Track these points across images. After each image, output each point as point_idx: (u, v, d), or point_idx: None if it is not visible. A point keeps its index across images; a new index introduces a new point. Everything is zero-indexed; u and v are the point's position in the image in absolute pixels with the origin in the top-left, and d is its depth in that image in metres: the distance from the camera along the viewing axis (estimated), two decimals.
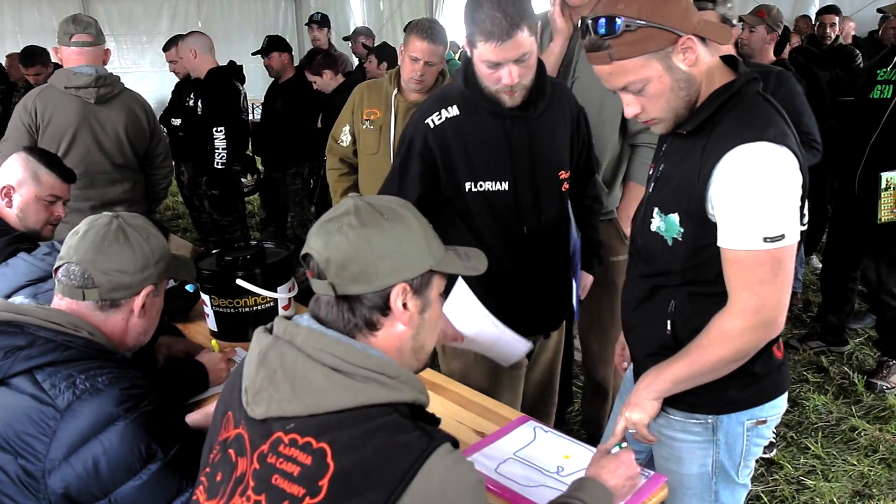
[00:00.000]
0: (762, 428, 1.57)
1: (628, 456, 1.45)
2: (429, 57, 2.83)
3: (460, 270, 1.19)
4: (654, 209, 1.51)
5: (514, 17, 1.69)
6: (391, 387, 1.04)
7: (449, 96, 1.93)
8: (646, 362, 1.57)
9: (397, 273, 1.09)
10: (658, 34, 1.32)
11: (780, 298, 1.36)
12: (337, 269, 1.07)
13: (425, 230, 1.14)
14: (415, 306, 1.12)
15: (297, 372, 1.03)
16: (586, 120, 2.06)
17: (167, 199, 7.57)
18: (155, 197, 3.50)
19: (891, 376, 3.52)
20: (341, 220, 1.09)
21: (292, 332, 1.08)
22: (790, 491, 2.77)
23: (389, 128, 2.98)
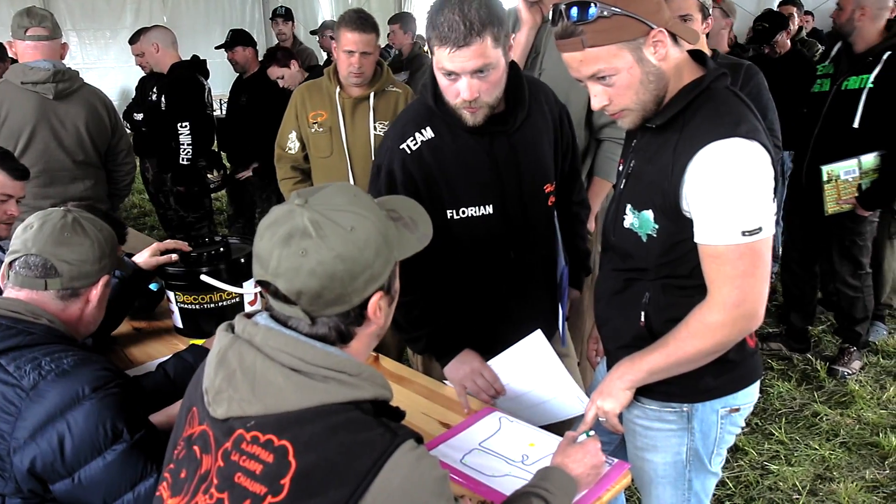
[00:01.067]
0: (735, 416, 1.60)
1: (594, 444, 1.46)
2: (363, 47, 2.78)
3: (416, 246, 1.15)
4: (626, 206, 1.51)
5: (474, 22, 1.53)
6: (352, 385, 1.02)
7: (420, 116, 1.77)
8: (619, 353, 1.58)
9: (372, 283, 1.06)
10: (631, 24, 1.33)
11: (759, 290, 1.38)
12: (311, 299, 1.03)
13: (379, 219, 1.08)
14: (386, 303, 1.11)
15: (257, 373, 1.02)
16: (569, 117, 1.96)
17: (133, 196, 7.50)
18: (118, 194, 3.45)
19: (852, 362, 3.59)
20: (302, 244, 1.00)
21: (251, 331, 1.06)
22: (754, 476, 2.82)
23: (339, 128, 2.92)
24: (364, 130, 2.93)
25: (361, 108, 2.92)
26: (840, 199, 3.29)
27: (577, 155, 2.04)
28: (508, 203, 1.80)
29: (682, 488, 1.65)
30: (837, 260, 3.52)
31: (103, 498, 1.33)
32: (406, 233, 1.14)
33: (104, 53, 10.11)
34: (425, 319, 1.85)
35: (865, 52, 3.20)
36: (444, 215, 1.77)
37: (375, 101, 2.92)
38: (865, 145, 3.20)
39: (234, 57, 4.83)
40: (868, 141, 3.19)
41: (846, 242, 3.45)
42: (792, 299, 3.88)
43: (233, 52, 4.82)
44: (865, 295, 3.54)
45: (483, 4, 1.56)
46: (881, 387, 3.46)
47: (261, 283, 1.06)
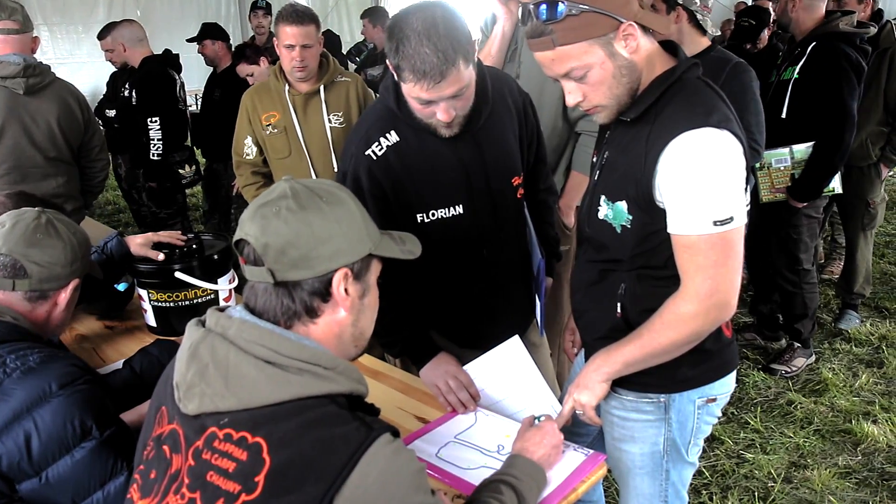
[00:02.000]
0: (712, 406, 1.61)
1: (551, 426, 1.49)
2: (302, 40, 2.75)
3: (397, 254, 1.17)
4: (600, 197, 1.51)
5: (447, 52, 1.49)
6: (327, 378, 1.02)
7: (384, 120, 1.74)
8: (596, 345, 1.58)
9: (339, 257, 1.07)
10: (600, 20, 1.33)
11: (732, 280, 1.38)
12: (276, 255, 1.04)
13: (363, 213, 1.13)
14: (355, 291, 1.11)
15: (230, 366, 1.01)
16: (533, 106, 1.96)
17: (107, 192, 7.41)
18: (91, 191, 3.40)
19: (794, 360, 3.56)
20: (278, 204, 1.06)
21: (224, 324, 1.05)
22: (730, 465, 2.86)
23: (294, 126, 2.88)
24: (319, 125, 2.91)
25: (313, 103, 2.90)
26: (773, 187, 3.31)
27: (543, 143, 2.04)
28: (478, 201, 1.80)
29: (659, 479, 1.66)
30: (774, 252, 3.53)
31: (72, 497, 1.31)
32: (389, 240, 1.18)
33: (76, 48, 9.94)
34: (400, 324, 1.84)
35: (798, 44, 3.24)
36: (414, 219, 1.76)
37: (326, 94, 2.90)
38: (793, 136, 3.21)
39: (203, 51, 4.79)
40: (795, 132, 3.20)
41: (782, 234, 3.44)
42: (758, 289, 3.92)
43: (202, 46, 4.77)
44: (805, 292, 3.50)
45: (448, 27, 1.51)
46: (853, 374, 3.51)
47: (237, 244, 1.09)
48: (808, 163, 3.20)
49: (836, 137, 3.09)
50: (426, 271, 1.84)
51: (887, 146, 3.66)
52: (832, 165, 3.16)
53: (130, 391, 1.71)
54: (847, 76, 3.05)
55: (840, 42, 3.10)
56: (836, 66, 3.05)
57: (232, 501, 0.94)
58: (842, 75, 3.05)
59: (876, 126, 3.64)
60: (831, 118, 3.08)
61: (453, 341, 1.93)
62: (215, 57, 4.81)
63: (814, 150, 3.18)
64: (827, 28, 3.15)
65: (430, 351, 1.82)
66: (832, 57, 3.06)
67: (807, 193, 3.27)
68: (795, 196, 3.28)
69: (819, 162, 3.17)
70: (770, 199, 3.35)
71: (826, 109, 3.08)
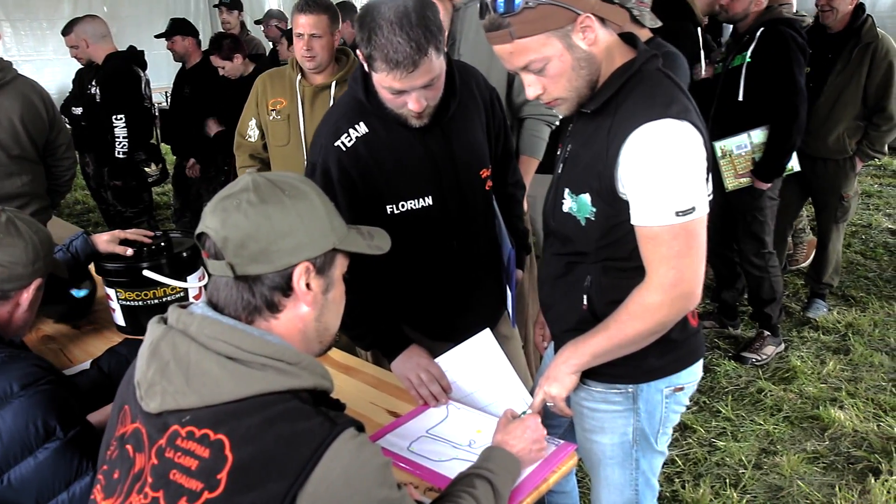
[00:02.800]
0: (680, 395, 1.62)
1: (534, 420, 1.48)
2: (311, 29, 2.70)
3: (364, 249, 1.16)
4: (564, 190, 1.52)
5: (419, 41, 1.49)
6: (290, 373, 1.01)
7: (353, 112, 1.74)
8: (564, 337, 1.59)
9: (300, 251, 1.06)
10: (557, 12, 1.33)
11: (696, 270, 1.40)
12: (236, 249, 1.03)
13: (327, 207, 1.12)
14: (318, 286, 1.09)
15: (191, 362, 1.00)
16: (499, 100, 1.97)
17: (76, 192, 7.29)
18: (58, 190, 3.34)
19: (764, 348, 3.63)
20: (239, 197, 1.05)
21: (186, 321, 1.04)
22: (703, 453, 2.90)
23: (298, 116, 2.85)
24: None
25: (322, 97, 2.85)
26: (737, 174, 3.42)
27: (510, 136, 2.05)
28: (447, 193, 1.80)
29: (629, 468, 1.68)
30: (741, 238, 3.61)
31: (36, 499, 1.29)
32: (356, 234, 1.16)
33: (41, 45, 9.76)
34: (370, 316, 1.84)
35: (745, 31, 3.39)
36: (384, 211, 1.76)
37: (337, 91, 2.82)
38: (751, 118, 3.35)
39: (173, 47, 4.73)
40: (752, 113, 3.34)
41: (748, 218, 3.53)
42: (720, 278, 3.98)
43: (172, 42, 4.71)
44: (771, 275, 3.59)
45: (420, 16, 1.51)
46: (821, 362, 3.58)
47: (199, 237, 1.08)
48: (768, 142, 3.34)
49: (792, 112, 3.24)
50: (396, 263, 1.84)
51: (864, 140, 3.73)
52: (791, 141, 3.30)
53: (98, 391, 1.69)
54: (796, 56, 3.22)
55: (786, 27, 3.26)
56: (787, 47, 3.21)
57: (195, 499, 0.94)
58: (792, 56, 3.21)
59: (853, 121, 3.71)
60: (785, 96, 3.23)
61: (425, 334, 1.93)
62: (185, 53, 4.75)
63: (772, 129, 3.32)
64: (773, 14, 3.32)
65: (401, 343, 1.82)
66: (781, 40, 3.23)
67: (770, 172, 3.40)
68: (760, 177, 3.40)
69: (779, 139, 3.31)
70: (735, 185, 3.44)
71: (780, 88, 3.23)
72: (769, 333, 3.66)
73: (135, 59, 4.22)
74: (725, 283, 3.93)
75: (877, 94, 3.63)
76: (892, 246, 5.11)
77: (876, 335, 3.82)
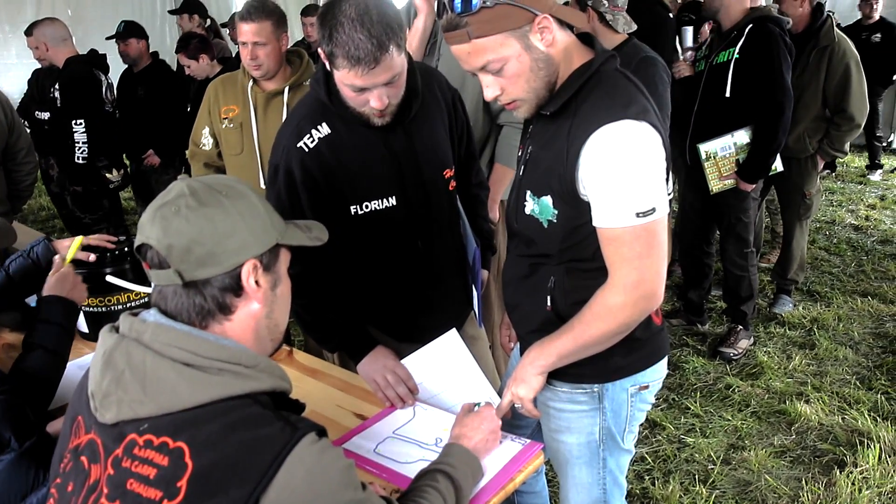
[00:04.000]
0: (645, 393, 1.63)
1: (489, 411, 1.50)
2: (254, 37, 2.60)
3: (304, 241, 1.16)
4: (526, 192, 1.52)
5: (380, 38, 1.50)
6: (248, 376, 1.01)
7: (315, 112, 1.74)
8: (530, 338, 1.59)
9: (246, 250, 1.05)
10: (515, 12, 1.33)
11: (657, 270, 1.41)
12: (182, 255, 1.02)
13: (265, 205, 1.11)
14: (266, 282, 1.09)
15: (147, 371, 0.98)
16: (462, 102, 1.98)
17: (41, 198, 7.16)
18: (19, 195, 3.29)
19: (738, 342, 3.70)
20: (177, 203, 1.03)
21: (139, 328, 1.03)
22: (672, 450, 2.92)
23: (251, 124, 2.74)
24: (276, 126, 2.75)
25: (275, 104, 2.75)
26: (722, 175, 3.45)
27: (473, 138, 2.05)
28: (410, 193, 1.80)
29: (597, 467, 1.68)
30: (725, 238, 3.67)
31: None
32: (295, 228, 1.16)
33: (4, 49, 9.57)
34: (336, 318, 1.83)
35: (731, 28, 3.40)
36: (347, 212, 1.76)
37: (290, 96, 2.71)
38: (738, 114, 3.36)
39: (126, 49, 4.64)
40: (739, 110, 3.36)
41: (732, 220, 3.58)
42: (688, 277, 4.03)
43: (126, 44, 4.63)
44: (751, 274, 3.68)
45: (381, 13, 1.52)
46: (787, 357, 3.63)
47: (139, 249, 1.06)
48: (753, 142, 3.37)
49: (778, 111, 3.27)
50: (362, 264, 1.84)
51: (825, 139, 3.79)
52: (777, 140, 3.33)
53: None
54: (784, 54, 3.25)
55: (774, 25, 3.29)
56: (775, 45, 3.24)
57: None
58: (780, 54, 3.24)
59: (814, 121, 3.77)
60: (772, 94, 3.26)
61: (391, 335, 1.93)
62: (138, 56, 4.69)
63: (757, 128, 3.34)
64: (762, 12, 3.35)
65: (367, 345, 1.81)
66: (770, 37, 3.25)
67: (756, 173, 3.43)
68: (746, 178, 3.43)
69: (764, 139, 3.33)
70: (720, 187, 3.47)
71: (767, 86, 3.25)
72: (742, 328, 3.74)
73: (96, 62, 4.16)
74: (693, 283, 3.98)
75: (835, 95, 3.68)
76: (856, 242, 5.21)
77: (840, 329, 3.89)
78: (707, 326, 3.99)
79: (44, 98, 4.50)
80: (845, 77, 3.64)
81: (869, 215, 5.80)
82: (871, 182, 6.83)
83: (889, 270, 4.66)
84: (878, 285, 4.43)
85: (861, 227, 5.56)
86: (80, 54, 4.11)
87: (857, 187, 6.69)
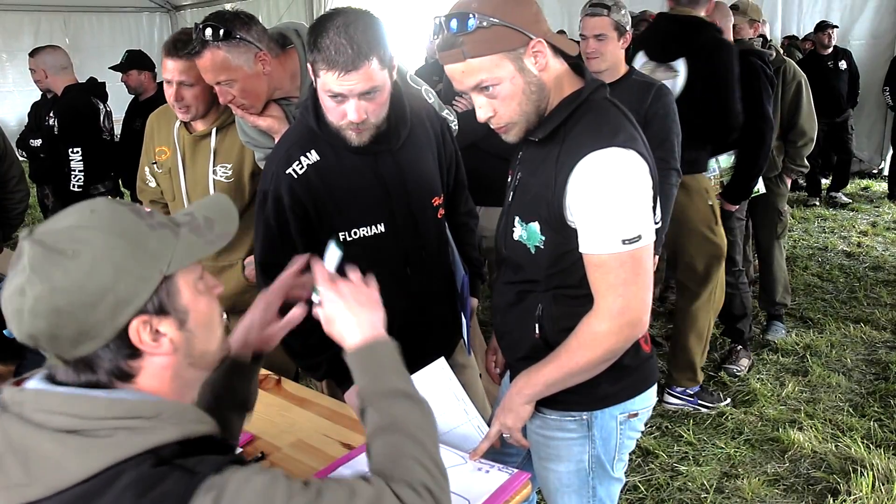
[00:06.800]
0: (634, 421, 1.62)
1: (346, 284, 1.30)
2: (179, 76, 2.22)
3: (204, 251, 0.98)
4: (514, 218, 1.53)
5: (361, 46, 1.53)
6: (147, 430, 0.88)
7: (304, 139, 1.74)
8: (518, 365, 1.59)
9: (122, 309, 0.89)
10: (511, 34, 1.35)
11: (643, 298, 1.41)
12: (49, 342, 0.89)
13: (129, 236, 0.91)
14: (169, 327, 0.93)
15: (28, 448, 0.86)
16: (451, 130, 1.99)
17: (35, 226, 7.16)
18: (9, 223, 3.30)
19: (739, 360, 3.77)
20: (19, 283, 0.87)
21: (18, 399, 0.90)
22: (665, 478, 2.90)
23: (178, 170, 2.42)
24: (203, 175, 2.39)
25: (202, 148, 2.40)
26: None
27: (462, 166, 2.07)
28: (399, 220, 1.81)
29: (586, 496, 1.67)
30: None
31: None
32: (192, 237, 0.97)
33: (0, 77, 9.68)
34: (323, 345, 1.82)
35: None
36: (336, 238, 1.75)
37: (218, 140, 2.37)
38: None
39: (127, 80, 4.69)
40: None
41: None
42: None
43: (127, 76, 4.68)
44: (741, 292, 3.75)
45: (368, 27, 1.56)
46: (780, 384, 3.62)
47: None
48: (737, 167, 3.51)
49: (759, 139, 3.41)
50: None
51: (786, 157, 3.93)
52: (758, 165, 3.48)
53: None
54: (765, 86, 3.41)
55: (756, 57, 3.44)
56: (756, 77, 3.38)
57: None
58: (761, 86, 3.39)
59: (777, 140, 3.88)
60: (754, 123, 3.36)
61: None
62: (139, 86, 4.72)
63: (741, 154, 3.48)
64: (744, 46, 3.50)
65: None
66: (752, 69, 3.38)
67: (739, 195, 3.58)
68: (730, 199, 3.58)
69: (747, 164, 3.48)
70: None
71: (750, 115, 3.33)
72: (741, 347, 3.79)
73: (94, 90, 4.19)
74: None
75: (789, 112, 3.84)
76: (848, 268, 5.23)
77: (833, 356, 3.89)
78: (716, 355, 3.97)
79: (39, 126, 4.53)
80: (797, 94, 3.81)
81: (861, 241, 5.83)
82: (862, 209, 6.85)
83: (881, 297, 4.66)
84: (871, 311, 4.44)
85: (853, 253, 5.58)
86: (78, 82, 4.14)
87: (848, 214, 6.72)
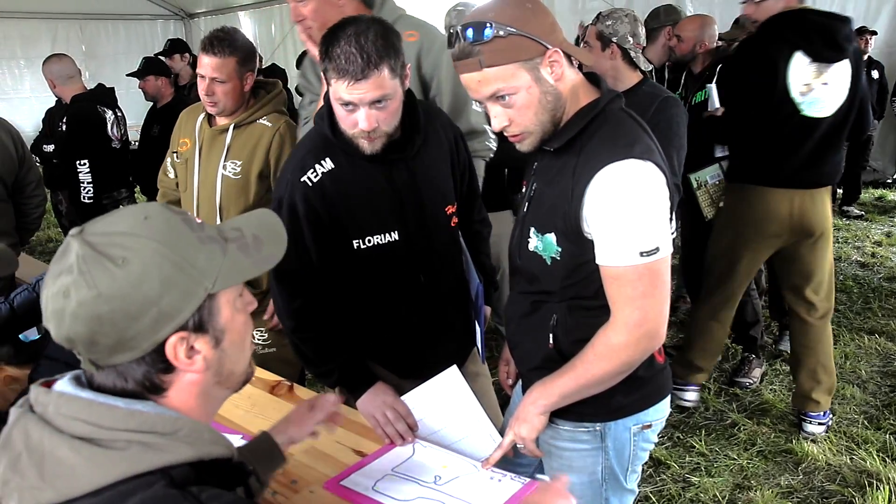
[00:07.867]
0: (648, 432, 1.62)
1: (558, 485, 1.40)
2: (213, 72, 2.38)
3: (250, 273, 0.96)
4: (530, 229, 1.53)
5: (371, 55, 1.54)
6: (161, 448, 0.86)
7: (318, 147, 1.76)
8: (531, 376, 1.59)
9: (163, 324, 0.87)
10: (527, 43, 1.36)
11: (660, 310, 1.41)
12: (87, 347, 0.88)
13: (178, 249, 0.89)
14: (204, 346, 0.92)
15: (45, 452, 0.85)
16: (464, 139, 2.00)
17: (49, 230, 7.22)
18: (27, 228, 3.32)
19: (752, 371, 3.73)
20: (65, 283, 0.86)
21: (44, 401, 0.90)
22: (677, 489, 2.88)
23: (194, 162, 2.54)
24: (214, 168, 2.51)
25: (217, 143, 2.52)
26: (713, 202, 3.52)
27: (475, 175, 2.07)
28: (413, 228, 1.81)
29: None
30: None
31: None
32: (239, 256, 0.95)
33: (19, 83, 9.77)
34: (336, 352, 1.83)
35: (702, 71, 3.72)
36: (350, 246, 1.77)
37: (234, 136, 2.49)
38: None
39: (145, 86, 4.72)
40: None
41: None
42: None
43: (144, 82, 4.71)
44: (752, 298, 3.74)
45: (379, 36, 1.57)
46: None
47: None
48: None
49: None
50: (363, 298, 1.85)
51: None
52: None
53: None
54: None
55: None
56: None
57: None
58: None
59: None
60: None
61: (392, 371, 1.92)
62: (157, 93, 4.75)
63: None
64: (727, 52, 3.62)
65: (367, 380, 1.80)
66: None
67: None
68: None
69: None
70: (713, 213, 3.51)
71: None
72: (754, 356, 3.76)
73: (102, 97, 4.21)
74: None
75: None
76: (862, 279, 5.19)
77: (847, 367, 3.86)
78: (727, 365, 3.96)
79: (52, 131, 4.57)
80: None
81: (875, 252, 5.78)
82: (877, 219, 6.81)
83: None
84: (886, 322, 4.40)
85: (867, 263, 5.54)
86: (85, 91, 4.16)
87: (862, 224, 6.68)
